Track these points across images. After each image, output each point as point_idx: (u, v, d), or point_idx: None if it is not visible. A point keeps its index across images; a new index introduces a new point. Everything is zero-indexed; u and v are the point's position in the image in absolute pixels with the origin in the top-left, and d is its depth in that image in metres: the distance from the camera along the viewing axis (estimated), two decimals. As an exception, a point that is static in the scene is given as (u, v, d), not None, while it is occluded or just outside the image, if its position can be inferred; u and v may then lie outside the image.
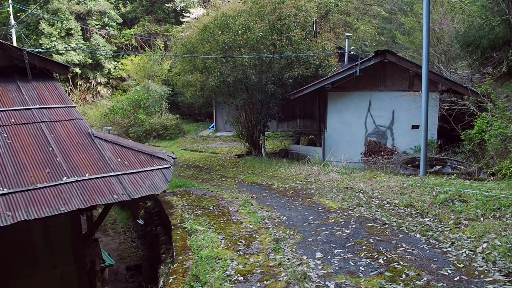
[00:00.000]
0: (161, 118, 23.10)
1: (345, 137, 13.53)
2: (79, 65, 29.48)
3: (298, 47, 13.26)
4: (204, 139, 21.87)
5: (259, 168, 13.23)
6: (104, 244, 10.89)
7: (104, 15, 31.35)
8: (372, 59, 12.37)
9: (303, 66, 13.33)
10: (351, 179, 9.96)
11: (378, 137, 13.23)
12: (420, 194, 7.70)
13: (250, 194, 9.74)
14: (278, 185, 10.41)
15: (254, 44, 12.99)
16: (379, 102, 13.00)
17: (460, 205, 6.65)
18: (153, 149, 7.60)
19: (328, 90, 13.34)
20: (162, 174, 7.06)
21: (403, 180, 8.99)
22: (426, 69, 9.54)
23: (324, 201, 8.17)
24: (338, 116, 13.53)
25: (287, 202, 8.57)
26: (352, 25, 31.41)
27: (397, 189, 8.31)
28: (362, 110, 13.22)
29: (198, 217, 7.95)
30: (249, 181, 11.48)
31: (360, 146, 13.36)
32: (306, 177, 10.91)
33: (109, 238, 11.46)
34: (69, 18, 28.98)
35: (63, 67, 9.23)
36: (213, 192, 10.52)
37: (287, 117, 22.38)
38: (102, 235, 11.55)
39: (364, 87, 13.14)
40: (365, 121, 13.28)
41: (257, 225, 7.04)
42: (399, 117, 12.89)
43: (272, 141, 20.00)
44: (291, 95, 13.60)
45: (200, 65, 13.31)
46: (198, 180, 12.66)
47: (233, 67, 12.79)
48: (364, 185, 9.14)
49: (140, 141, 22.67)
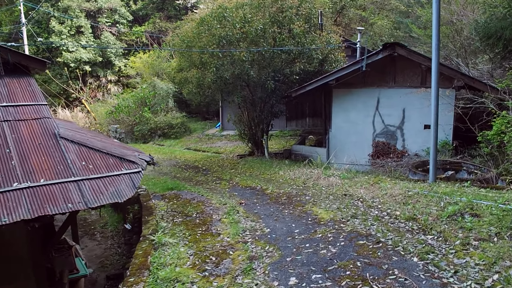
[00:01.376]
0: (166, 117, 22.51)
1: (351, 137, 12.53)
2: (89, 63, 29.25)
3: (301, 41, 12.33)
4: (209, 138, 21.16)
5: (258, 170, 12.39)
6: (88, 249, 10.30)
7: (114, 13, 31.04)
8: (380, 52, 11.32)
9: (305, 61, 12.39)
10: (352, 185, 9.01)
11: (387, 138, 12.18)
12: (426, 204, 6.70)
13: (240, 199, 8.93)
14: (272, 189, 9.55)
15: (254, 38, 12.14)
16: (389, 100, 11.94)
17: (471, 220, 5.65)
18: (125, 151, 6.87)
19: (333, 87, 12.37)
20: (130, 180, 6.32)
21: (409, 187, 7.99)
22: (436, 61, 8.50)
23: (317, 211, 7.27)
24: (344, 115, 12.54)
25: (276, 210, 7.71)
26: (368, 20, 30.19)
27: (401, 198, 7.33)
28: (369, 108, 12.19)
29: (176, 227, 7.19)
30: (244, 184, 10.67)
31: (367, 147, 12.34)
32: (304, 181, 10.01)
33: (95, 243, 10.84)
34: (79, 16, 28.77)
35: (39, 62, 8.58)
36: (203, 196, 9.78)
37: (296, 115, 21.48)
38: (89, 240, 10.95)
39: (372, 83, 12.10)
40: (373, 120, 12.24)
41: (235, 238, 6.22)
42: (410, 116, 11.81)
43: (279, 140, 19.14)
44: (292, 92, 12.69)
45: (197, 61, 12.56)
46: (192, 182, 11.93)
47: (230, 62, 11.98)
48: (364, 192, 8.19)
49: (145, 140, 22.18)
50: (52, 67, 28.96)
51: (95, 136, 9.18)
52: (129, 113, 22.28)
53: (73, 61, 28.08)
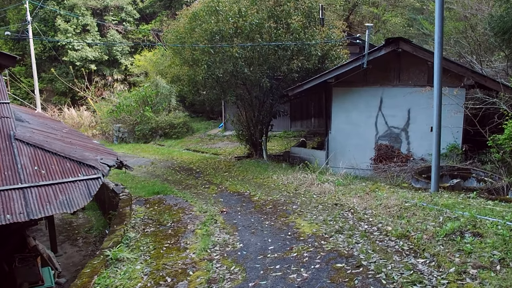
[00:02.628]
0: (168, 116, 21.96)
1: (352, 139, 11.66)
2: (95, 61, 29.00)
3: (299, 36, 11.52)
4: (210, 139, 20.51)
5: (252, 173, 11.65)
6: (67, 256, 9.73)
7: (121, 11, 30.72)
8: (383, 48, 10.44)
9: (303, 58, 11.57)
10: (346, 193, 8.19)
11: (390, 141, 11.28)
12: (423, 219, 5.86)
13: (223, 207, 8.22)
14: (260, 196, 8.81)
15: (249, 34, 11.40)
16: (392, 99, 11.04)
17: (472, 240, 4.80)
18: (86, 154, 6.24)
19: (333, 85, 11.53)
20: (85, 187, 5.68)
21: (407, 197, 7.13)
22: (439, 56, 7.64)
23: (300, 223, 6.50)
24: (344, 116, 11.68)
25: (257, 221, 6.97)
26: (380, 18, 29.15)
27: (396, 210, 6.49)
28: (372, 108, 11.31)
29: (144, 238, 6.53)
30: (233, 189, 9.95)
31: (369, 150, 11.46)
32: (296, 188, 9.23)
33: (76, 250, 10.27)
34: (85, 14, 28.52)
35: (8, 58, 8.04)
36: (187, 202, 9.14)
37: (301, 115, 20.65)
38: (70, 246, 10.40)
39: (374, 81, 11.22)
40: (376, 121, 11.36)
41: (201, 255, 5.50)
42: (416, 117, 10.88)
43: (282, 141, 18.37)
44: (289, 91, 11.88)
45: (189, 58, 11.89)
46: (181, 185, 11.29)
47: (222, 59, 11.27)
48: (357, 202, 7.37)
49: (146, 139, 21.68)
50: (58, 66, 28.84)
51: (71, 136, 8.60)
52: (130, 112, 21.82)
53: (78, 59, 27.85)
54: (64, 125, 11.64)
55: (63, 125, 11.42)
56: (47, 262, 8.14)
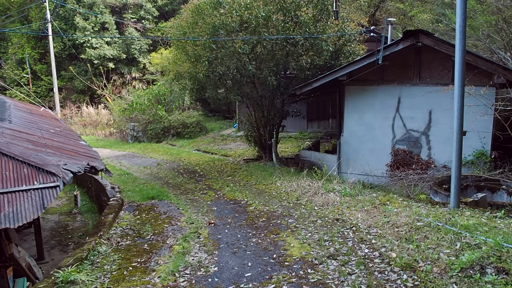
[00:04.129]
0: (181, 115, 21.38)
1: (367, 143, 10.59)
2: (113, 59, 28.89)
3: (309, 30, 10.55)
4: (223, 139, 19.77)
5: (256, 178, 10.79)
6: (53, 263, 9.14)
7: (140, 9, 30.51)
8: (401, 42, 9.32)
9: (313, 53, 10.59)
10: (351, 205, 7.20)
11: (409, 145, 10.14)
12: (436, 244, 4.84)
13: (213, 218, 7.40)
14: (256, 206, 7.94)
15: (255, 28, 10.53)
16: (412, 99, 9.91)
17: (495, 279, 3.78)
18: (49, 159, 5.56)
19: (345, 84, 10.50)
20: (39, 197, 4.97)
21: (421, 214, 6.09)
22: (461, 49, 6.53)
23: (290, 243, 5.59)
24: (358, 117, 10.62)
25: (244, 237, 6.11)
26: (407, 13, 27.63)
27: (405, 230, 5.48)
28: (388, 109, 10.21)
29: (113, 254, 5.80)
30: (230, 196, 9.12)
31: (385, 155, 10.36)
32: (298, 197, 8.30)
33: (65, 256, 9.74)
34: (103, 12, 28.43)
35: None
36: (178, 209, 8.43)
37: (318, 116, 19.64)
38: (59, 252, 9.85)
39: (391, 79, 10.12)
40: (393, 123, 10.24)
41: (166, 280, 4.70)
42: (438, 119, 9.71)
43: (297, 143, 17.39)
44: (296, 89, 10.92)
45: (191, 54, 11.15)
46: (179, 190, 10.57)
47: (225, 54, 10.45)
48: (362, 218, 6.37)
49: (159, 139, 21.18)
50: (78, 64, 28.90)
51: (55, 137, 8.01)
52: (143, 111, 21.38)
53: (96, 57, 27.79)
54: (61, 125, 11.14)
55: (59, 125, 10.92)
56: (25, 271, 7.56)
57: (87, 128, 27.29)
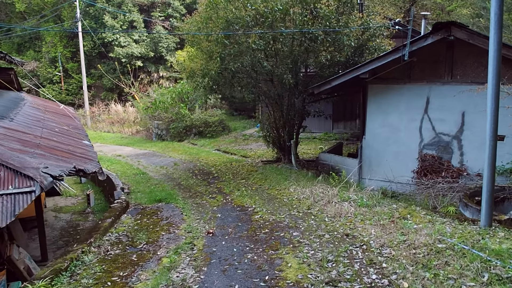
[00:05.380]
0: (203, 114, 21.02)
1: (391, 147, 9.69)
2: (141, 58, 29.04)
3: (329, 24, 9.78)
4: (245, 139, 19.23)
5: (270, 182, 10.15)
6: (58, 266, 9.01)
7: (168, 7, 30.49)
8: (430, 36, 8.37)
9: (333, 49, 9.80)
10: (366, 218, 6.42)
11: (438, 150, 9.16)
12: (458, 274, 4.04)
13: (214, 226, 6.85)
14: (263, 214, 7.32)
15: (272, 23, 9.86)
16: (442, 100, 8.93)
17: (529, 329, 2.96)
18: (28, 161, 5.18)
19: (368, 82, 9.65)
20: (10, 203, 4.58)
21: (445, 233, 5.25)
22: (497, 40, 5.62)
23: (288, 262, 4.93)
24: (382, 118, 9.74)
25: (239, 252, 5.51)
26: (445, 8, 26.06)
27: (423, 253, 4.68)
28: (415, 110, 9.27)
29: (97, 265, 5.35)
30: (238, 202, 8.54)
31: (411, 161, 9.43)
32: (310, 206, 7.59)
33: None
34: (132, 10, 28.62)
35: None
36: (181, 215, 7.99)
37: (344, 116, 18.74)
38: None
39: (419, 78, 9.17)
40: (420, 126, 9.29)
41: (141, 302, 4.18)
42: (472, 122, 8.69)
43: (321, 144, 16.57)
44: (314, 88, 10.16)
45: (205, 50, 10.65)
46: (189, 193, 10.12)
47: (238, 51, 9.86)
48: (376, 234, 5.60)
49: (181, 138, 20.92)
50: (107, 62, 29.27)
51: (55, 137, 7.72)
52: (166, 109, 21.20)
53: (124, 56, 28.00)
54: (74, 123, 10.95)
55: (70, 123, 10.74)
56: (23, 274, 7.29)
57: (115, 126, 27.55)
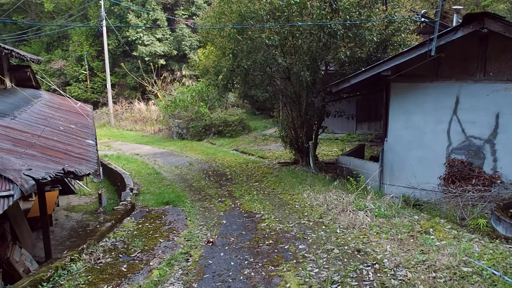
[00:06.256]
0: (222, 113, 20.63)
1: (415, 151, 8.91)
2: (164, 56, 29.02)
3: (350, 18, 9.10)
4: (265, 139, 18.68)
5: (284, 186, 9.58)
6: (62, 268, 8.79)
7: (191, 5, 30.37)
8: (460, 28, 7.56)
9: (354, 44, 9.10)
10: (382, 230, 5.76)
11: (468, 155, 8.31)
12: (486, 307, 3.36)
13: (216, 234, 6.36)
14: (270, 222, 6.77)
15: (288, 18, 9.27)
16: (474, 99, 8.08)
17: None
18: (12, 162, 4.84)
19: (391, 80, 8.90)
20: (-16, 209, 4.23)
21: (472, 253, 4.54)
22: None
23: (288, 281, 4.38)
24: (405, 119, 8.97)
25: (235, 266, 4.99)
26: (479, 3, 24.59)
27: (445, 278, 4.01)
28: (443, 111, 8.45)
29: (84, 275, 4.98)
30: (247, 207, 8.02)
31: (437, 166, 8.61)
32: (322, 214, 6.97)
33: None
34: (155, 9, 28.62)
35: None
36: (185, 219, 7.61)
37: (369, 117, 17.86)
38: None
39: (448, 75, 8.35)
40: (448, 128, 8.47)
41: (117, 324, 3.74)
42: (507, 124, 7.80)
43: (343, 146, 15.82)
44: (332, 86, 9.49)
45: (218, 47, 10.20)
46: (199, 195, 9.70)
47: (251, 47, 9.34)
48: (392, 251, 4.95)
49: (200, 137, 20.63)
50: (131, 61, 29.45)
51: (55, 137, 7.45)
52: (186, 107, 20.96)
53: (148, 54, 28.04)
54: (84, 122, 10.76)
55: (80, 121, 10.55)
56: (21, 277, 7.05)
57: (137, 124, 27.64)
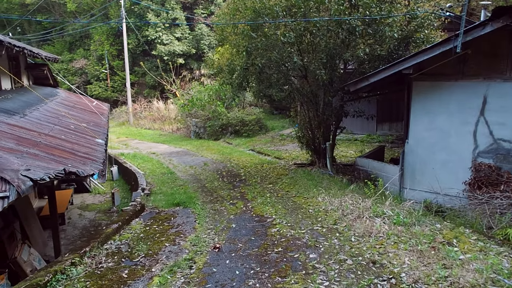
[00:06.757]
0: (239, 112, 20.38)
1: (438, 154, 8.39)
2: (183, 55, 29.01)
3: (369, 14, 8.65)
4: (282, 139, 18.35)
5: (298, 189, 9.22)
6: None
7: (210, 3, 30.25)
8: (489, 23, 7.02)
9: (373, 41, 8.65)
10: (401, 240, 5.34)
11: (496, 159, 7.75)
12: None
13: (224, 239, 6.08)
14: (281, 228, 6.44)
15: (305, 14, 8.91)
16: (503, 100, 7.52)
17: None
18: (10, 162, 4.68)
19: (413, 79, 8.41)
20: (-21, 211, 4.07)
21: (500, 269, 4.10)
22: None
23: (294, 295, 4.04)
24: (428, 120, 8.46)
25: (240, 276, 4.70)
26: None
27: (469, 298, 3.60)
28: (469, 111, 7.91)
29: (83, 280, 4.78)
30: (258, 211, 7.70)
31: (462, 171, 8.07)
32: (336, 220, 6.59)
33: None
34: (175, 8, 28.63)
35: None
36: (194, 222, 7.39)
37: (390, 117, 17.26)
38: (82, 255, 9.39)
39: (475, 73, 7.81)
40: (475, 130, 7.92)
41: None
42: (540, 126, 7.24)
43: (363, 147, 15.30)
44: (350, 85, 9.05)
45: (232, 44, 9.93)
46: (210, 197, 9.45)
47: (266, 44, 9.01)
48: (411, 263, 4.54)
49: (217, 136, 20.44)
50: (150, 60, 29.57)
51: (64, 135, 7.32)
52: (203, 107, 20.81)
53: (166, 54, 28.08)
54: (97, 121, 10.69)
55: (93, 120, 10.47)
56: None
57: (156, 123, 27.71)
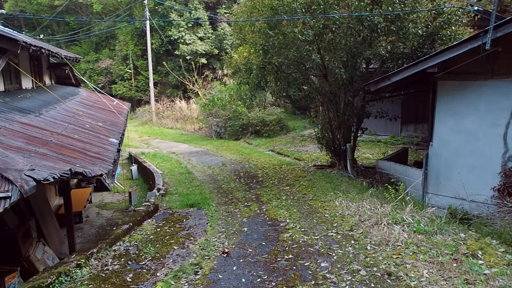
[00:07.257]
0: (260, 112, 20.16)
1: (465, 158, 7.90)
2: (205, 55, 29.07)
3: (392, 10, 8.25)
4: (302, 140, 18.02)
5: (315, 192, 8.92)
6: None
7: (233, 3, 30.17)
8: (522, 17, 6.54)
9: (395, 38, 8.24)
10: (421, 250, 4.98)
11: (529, 164, 7.22)
12: None
13: (234, 244, 5.88)
14: (294, 233, 6.18)
15: (324, 11, 8.59)
16: (537, 100, 6.99)
17: None
18: (16, 161, 4.63)
19: (438, 78, 7.95)
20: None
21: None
22: None
23: (301, 309, 3.78)
24: (454, 122, 7.98)
25: (246, 285, 4.48)
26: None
27: (494, 320, 3.24)
28: (499, 113, 7.39)
29: (86, 283, 4.67)
30: (272, 214, 7.46)
31: (491, 176, 7.56)
32: (353, 226, 6.27)
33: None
34: (198, 8, 28.72)
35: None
36: (206, 225, 7.25)
37: (416, 118, 16.62)
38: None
39: (506, 72, 7.28)
40: (505, 133, 7.40)
41: None
42: None
43: (387, 149, 14.80)
44: (370, 85, 8.65)
45: (249, 42, 9.72)
46: (225, 198, 9.29)
47: (283, 43, 8.75)
48: (430, 277, 4.19)
49: (237, 136, 20.29)
50: (173, 60, 29.80)
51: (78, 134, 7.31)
52: (224, 106, 20.72)
53: (189, 53, 28.21)
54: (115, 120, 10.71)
55: (110, 120, 10.49)
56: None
57: (178, 122, 27.87)
